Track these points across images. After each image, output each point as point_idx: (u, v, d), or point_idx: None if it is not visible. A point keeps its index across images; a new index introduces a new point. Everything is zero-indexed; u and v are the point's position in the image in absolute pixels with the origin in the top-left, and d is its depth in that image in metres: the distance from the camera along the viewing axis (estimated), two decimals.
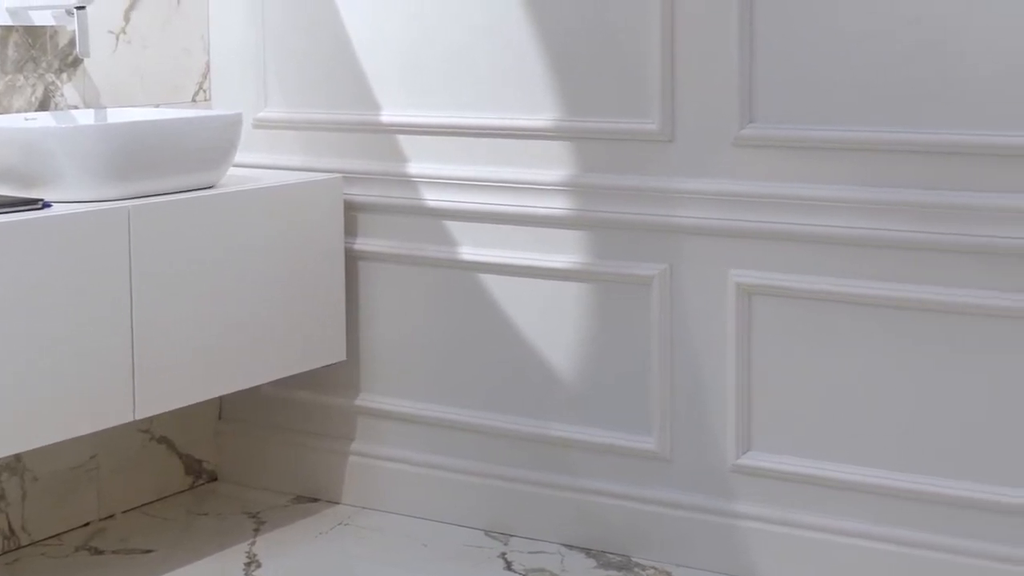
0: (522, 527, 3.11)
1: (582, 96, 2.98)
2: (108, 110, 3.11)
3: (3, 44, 3.02)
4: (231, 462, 3.48)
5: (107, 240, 2.69)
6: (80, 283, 2.64)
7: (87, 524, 3.20)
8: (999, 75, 2.57)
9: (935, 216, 2.64)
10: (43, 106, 3.09)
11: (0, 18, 3.00)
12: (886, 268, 2.70)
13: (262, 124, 3.36)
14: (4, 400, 2.53)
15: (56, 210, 2.65)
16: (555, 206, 3.01)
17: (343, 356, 3.23)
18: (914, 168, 2.66)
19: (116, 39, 3.23)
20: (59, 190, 2.71)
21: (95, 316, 2.67)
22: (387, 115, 3.21)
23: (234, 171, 3.18)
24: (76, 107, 3.14)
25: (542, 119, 3.02)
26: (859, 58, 2.69)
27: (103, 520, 3.22)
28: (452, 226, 3.15)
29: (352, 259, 3.26)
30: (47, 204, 2.67)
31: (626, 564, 2.96)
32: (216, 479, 3.49)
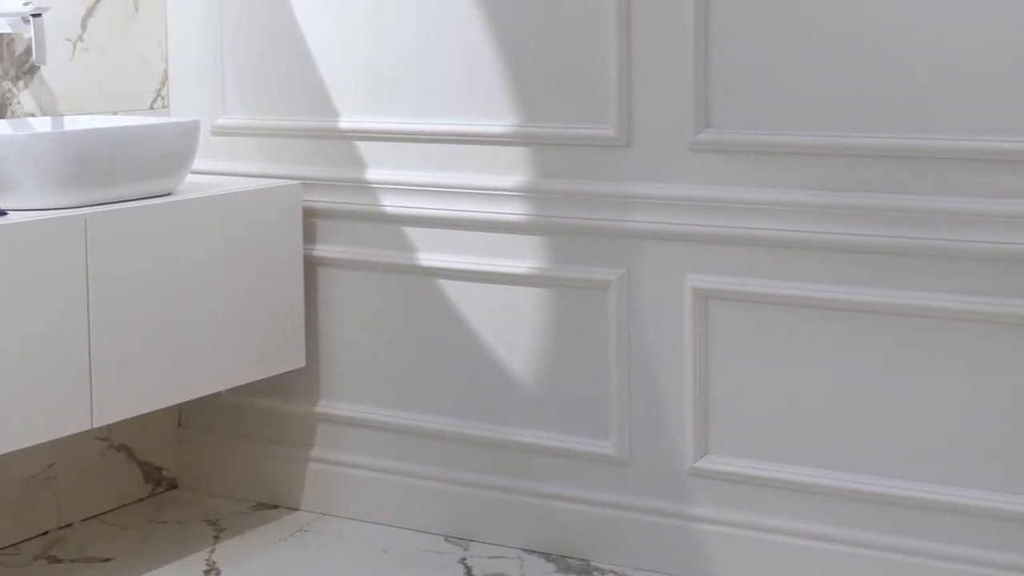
0: (482, 532, 3.11)
1: (539, 102, 2.99)
2: (65, 117, 3.09)
3: None
4: (191, 470, 3.47)
5: (64, 248, 2.68)
6: (37, 291, 2.63)
7: (46, 533, 3.18)
8: (951, 80, 2.59)
9: (889, 220, 2.66)
10: None
11: None
12: (841, 272, 2.72)
13: (220, 131, 3.36)
14: None
15: (12, 218, 2.64)
16: (513, 211, 3.02)
17: (302, 363, 3.23)
18: (868, 172, 2.68)
19: (73, 46, 3.22)
20: (16, 198, 2.70)
21: (52, 324, 2.66)
22: (345, 121, 3.21)
23: (192, 178, 3.17)
24: (33, 115, 3.13)
25: (500, 125, 3.03)
26: (814, 64, 2.71)
27: (62, 529, 3.21)
28: (411, 232, 3.15)
29: (311, 265, 3.26)
30: (3, 212, 2.66)
31: (585, 568, 2.97)
32: (176, 487, 3.48)
